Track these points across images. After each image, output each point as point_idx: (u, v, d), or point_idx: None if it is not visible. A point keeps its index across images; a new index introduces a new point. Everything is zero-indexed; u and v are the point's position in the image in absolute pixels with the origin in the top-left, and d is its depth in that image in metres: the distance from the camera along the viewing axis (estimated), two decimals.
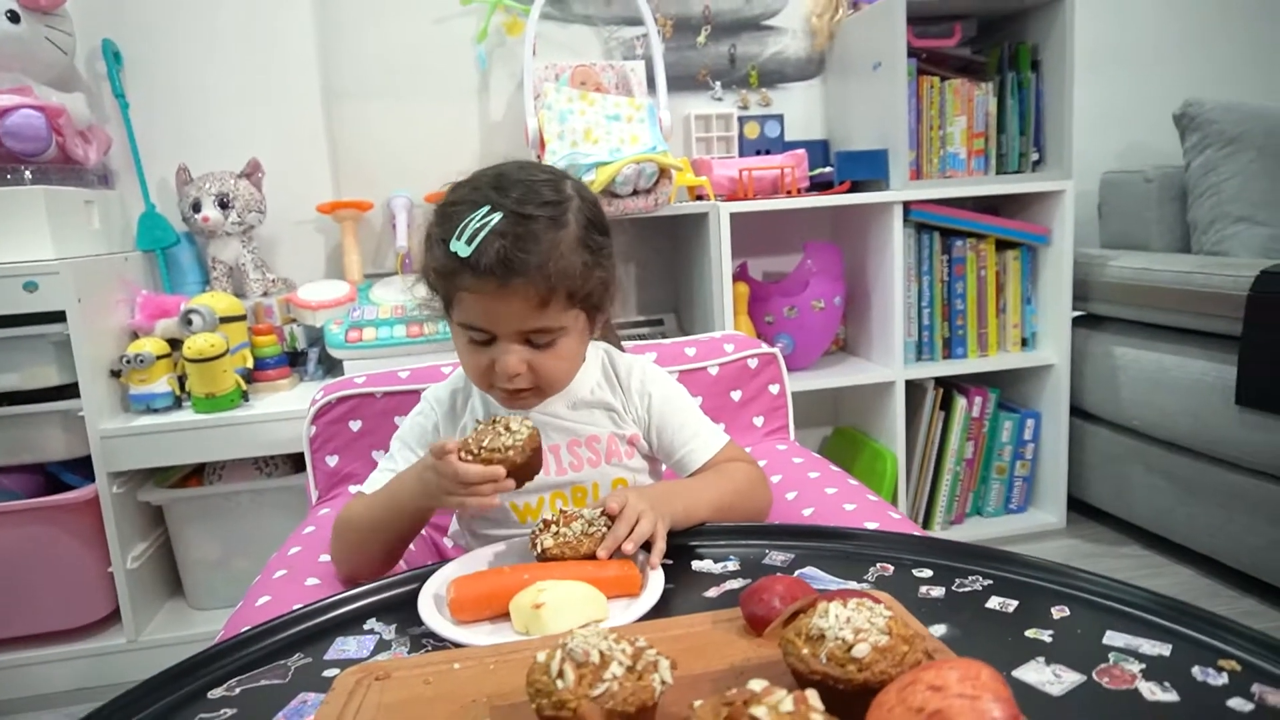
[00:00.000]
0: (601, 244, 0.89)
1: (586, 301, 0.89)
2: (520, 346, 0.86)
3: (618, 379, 1.00)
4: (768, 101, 2.26)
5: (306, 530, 1.12)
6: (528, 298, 0.83)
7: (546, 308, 0.84)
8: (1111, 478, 2.10)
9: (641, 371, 1.01)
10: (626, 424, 0.99)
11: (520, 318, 0.84)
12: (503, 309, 0.84)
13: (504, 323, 0.85)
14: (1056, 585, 0.75)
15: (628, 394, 1.00)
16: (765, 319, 2.01)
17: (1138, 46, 2.43)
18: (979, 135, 2.05)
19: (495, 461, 0.80)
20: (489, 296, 0.83)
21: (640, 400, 0.99)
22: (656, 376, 1.02)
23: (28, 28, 1.72)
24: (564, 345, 0.89)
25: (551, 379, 0.89)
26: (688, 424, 0.99)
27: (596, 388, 0.99)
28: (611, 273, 0.91)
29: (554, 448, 0.96)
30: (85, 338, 1.60)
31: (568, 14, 2.13)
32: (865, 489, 1.14)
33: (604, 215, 0.92)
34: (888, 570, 0.80)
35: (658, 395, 1.00)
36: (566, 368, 0.91)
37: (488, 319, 0.85)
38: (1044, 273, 2.11)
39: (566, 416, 0.97)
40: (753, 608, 0.66)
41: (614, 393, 0.99)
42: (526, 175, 0.87)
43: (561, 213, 0.85)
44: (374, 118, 2.07)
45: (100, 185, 1.89)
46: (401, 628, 0.75)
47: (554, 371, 0.89)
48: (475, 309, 0.85)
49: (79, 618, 1.69)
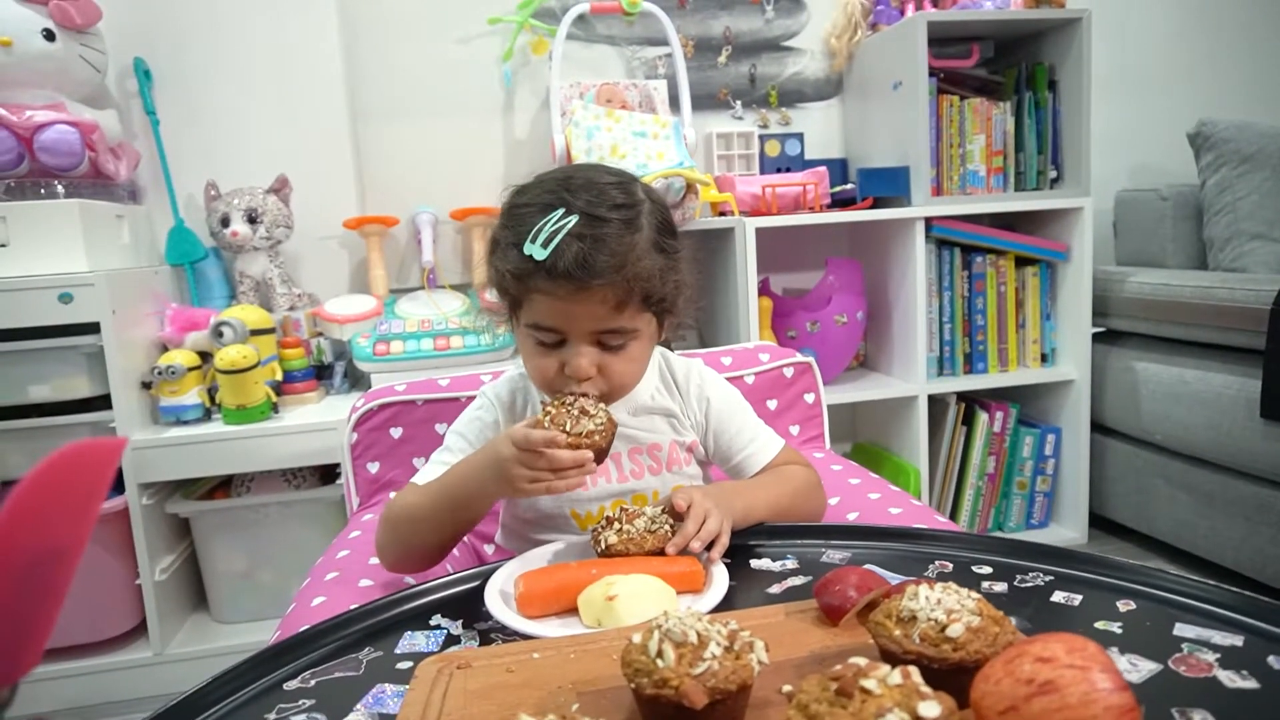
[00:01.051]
0: (674, 247, 0.89)
1: (660, 305, 0.89)
2: (592, 349, 0.86)
3: (675, 383, 1.00)
4: (787, 120, 2.29)
5: (352, 535, 1.13)
6: (605, 300, 0.83)
7: (623, 311, 0.84)
8: (1133, 492, 2.10)
9: (699, 375, 1.01)
10: (686, 430, 0.99)
11: (596, 320, 0.84)
12: (578, 311, 0.84)
13: (578, 324, 0.85)
14: (1120, 580, 0.75)
15: (685, 398, 1.00)
16: (788, 333, 2.02)
17: (1148, 67, 2.47)
18: (998, 153, 2.07)
19: (583, 446, 0.79)
20: (564, 299, 0.83)
21: (699, 405, 1.00)
22: (713, 380, 1.02)
23: (63, 46, 1.74)
24: (634, 348, 0.89)
25: (620, 382, 0.89)
26: (746, 428, 1.00)
27: (656, 393, 0.99)
28: (684, 275, 0.91)
29: (615, 455, 0.95)
30: (118, 349, 1.61)
31: (591, 34, 2.16)
32: (908, 495, 1.14)
33: (673, 218, 0.92)
34: (947, 567, 0.81)
35: (716, 399, 1.00)
36: (636, 370, 0.91)
37: (562, 320, 0.85)
38: (1063, 288, 2.12)
39: (628, 423, 0.96)
40: (828, 597, 0.66)
41: (672, 397, 0.99)
42: (595, 177, 0.87)
43: (635, 215, 0.85)
44: (400, 135, 2.10)
45: (130, 200, 1.91)
46: (468, 623, 0.75)
47: (624, 375, 0.89)
48: (549, 310, 0.84)
49: (106, 630, 1.68)
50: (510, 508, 1.02)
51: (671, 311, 0.92)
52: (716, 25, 2.23)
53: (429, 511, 0.88)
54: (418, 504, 0.89)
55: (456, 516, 0.88)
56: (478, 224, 2.06)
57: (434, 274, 2.05)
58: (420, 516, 0.88)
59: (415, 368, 1.82)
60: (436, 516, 0.88)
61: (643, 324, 0.88)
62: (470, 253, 2.09)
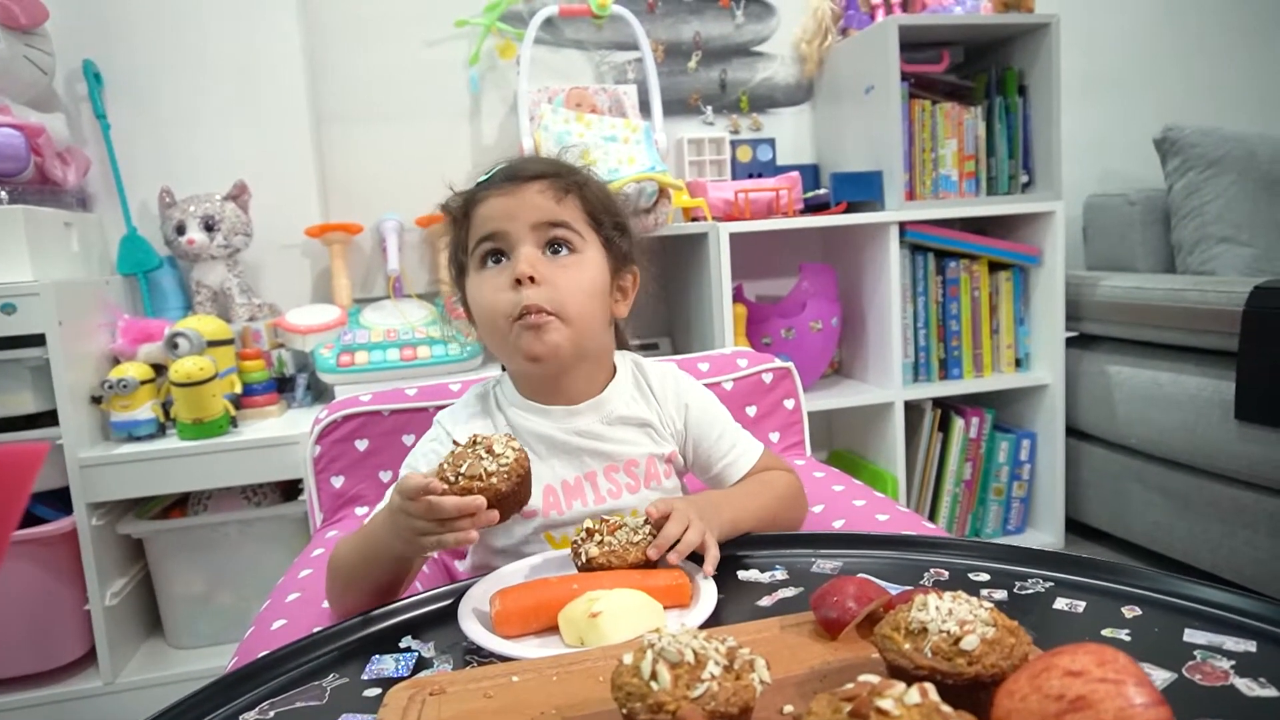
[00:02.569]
0: (618, 204, 0.92)
1: (603, 229, 0.89)
2: (534, 250, 0.85)
3: (650, 388, 0.96)
4: (759, 126, 2.27)
5: (315, 553, 1.07)
6: (543, 191, 0.85)
7: (562, 203, 0.86)
8: (1109, 496, 2.10)
9: (675, 380, 0.97)
10: (664, 440, 0.95)
11: (536, 210, 0.85)
12: (517, 204, 0.85)
13: (520, 219, 0.85)
14: (1123, 585, 0.73)
15: (663, 405, 0.95)
16: (763, 340, 2.00)
17: (1116, 73, 2.50)
18: (970, 158, 2.07)
19: (475, 491, 0.71)
20: (503, 195, 0.85)
21: (677, 412, 0.96)
22: (690, 385, 0.98)
23: (6, 46, 1.67)
24: (584, 266, 0.87)
25: (569, 294, 0.84)
26: (726, 434, 0.96)
27: (631, 401, 0.94)
28: (627, 232, 0.92)
29: (590, 475, 0.91)
30: (65, 362, 1.53)
31: (560, 38, 2.13)
32: (893, 501, 1.11)
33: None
34: (943, 575, 0.77)
35: (695, 405, 0.96)
36: (584, 286, 0.86)
37: (504, 219, 0.85)
38: (1036, 293, 2.12)
39: (604, 435, 0.92)
40: (827, 610, 0.63)
41: (649, 405, 0.95)
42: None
43: (585, 170, 0.92)
44: (364, 140, 2.04)
45: (79, 208, 1.83)
46: (441, 644, 0.70)
47: (570, 286, 0.85)
48: (489, 213, 0.86)
49: (52, 660, 1.59)
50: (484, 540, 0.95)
51: (620, 260, 0.92)
52: (686, 30, 2.20)
53: (352, 569, 0.80)
54: (344, 559, 0.81)
55: (378, 574, 0.79)
56: (444, 231, 2.00)
57: (400, 282, 1.99)
58: (347, 573, 0.81)
59: (381, 379, 1.76)
60: (361, 574, 0.80)
61: (588, 236, 0.88)
62: (437, 261, 2.04)
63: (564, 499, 0.90)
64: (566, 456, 0.91)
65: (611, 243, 0.90)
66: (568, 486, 0.91)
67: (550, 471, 0.91)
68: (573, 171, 0.89)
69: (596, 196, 0.90)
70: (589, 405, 0.92)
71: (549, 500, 0.90)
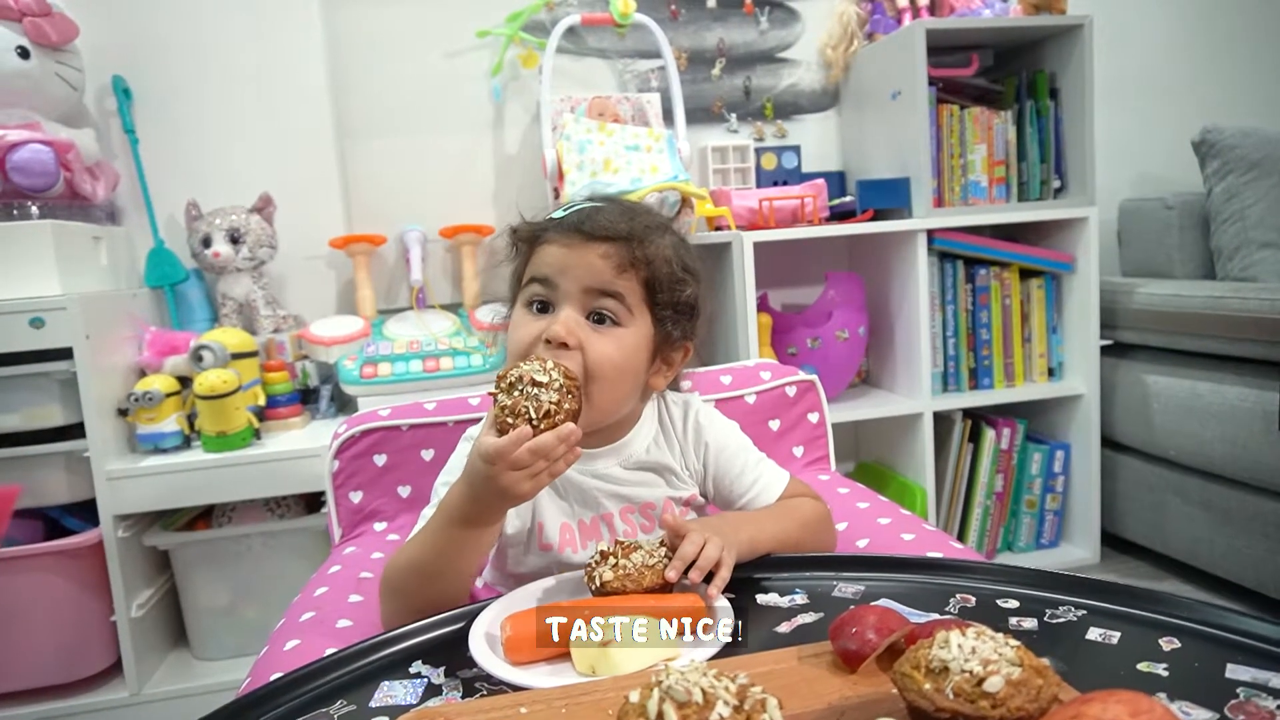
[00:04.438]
0: (695, 271, 0.87)
1: (662, 305, 0.84)
2: (577, 314, 0.82)
3: (673, 430, 0.94)
4: (783, 133, 2.24)
5: (332, 570, 1.06)
6: (606, 255, 0.81)
7: (620, 275, 0.82)
8: (1146, 510, 2.04)
9: (695, 418, 0.95)
10: (683, 484, 0.93)
11: (591, 274, 0.81)
12: (576, 261, 0.81)
13: (573, 277, 0.82)
14: (1160, 614, 0.69)
15: (684, 448, 0.94)
16: (788, 350, 1.97)
17: (1151, 74, 2.43)
18: (999, 163, 2.03)
19: (558, 422, 0.72)
20: (566, 247, 0.82)
21: (696, 453, 0.94)
22: (709, 420, 0.96)
23: (38, 64, 1.69)
24: (623, 337, 0.83)
25: (598, 365, 0.80)
26: (747, 469, 0.93)
27: (653, 445, 0.92)
28: (697, 304, 0.87)
29: (607, 516, 0.90)
30: (92, 375, 1.54)
31: (582, 47, 2.12)
32: (920, 519, 1.08)
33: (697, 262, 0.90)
34: (969, 601, 0.75)
35: (713, 442, 0.94)
36: (618, 361, 0.82)
37: (558, 271, 0.82)
38: (1069, 301, 2.07)
39: (622, 479, 0.90)
40: (845, 641, 0.60)
41: (670, 449, 0.93)
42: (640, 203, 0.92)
43: (666, 224, 0.88)
44: (387, 151, 2.05)
45: (108, 222, 1.85)
46: (451, 670, 0.69)
47: (602, 359, 0.81)
48: (548, 259, 0.83)
49: (78, 671, 1.60)
50: (498, 563, 0.94)
51: (672, 338, 0.87)
52: (710, 37, 2.18)
53: (423, 568, 0.79)
54: (417, 556, 0.80)
55: (459, 562, 0.79)
56: (467, 241, 2.00)
57: (423, 294, 1.99)
58: (423, 568, 0.79)
59: (404, 390, 1.75)
60: (435, 570, 0.79)
61: (638, 312, 0.84)
62: (460, 271, 2.04)
63: (579, 539, 0.90)
64: (583, 496, 0.91)
65: (665, 321, 0.85)
66: (584, 527, 0.91)
67: (567, 511, 0.91)
68: (646, 239, 0.83)
69: (664, 273, 0.83)
70: (608, 450, 0.91)
71: (564, 538, 0.90)
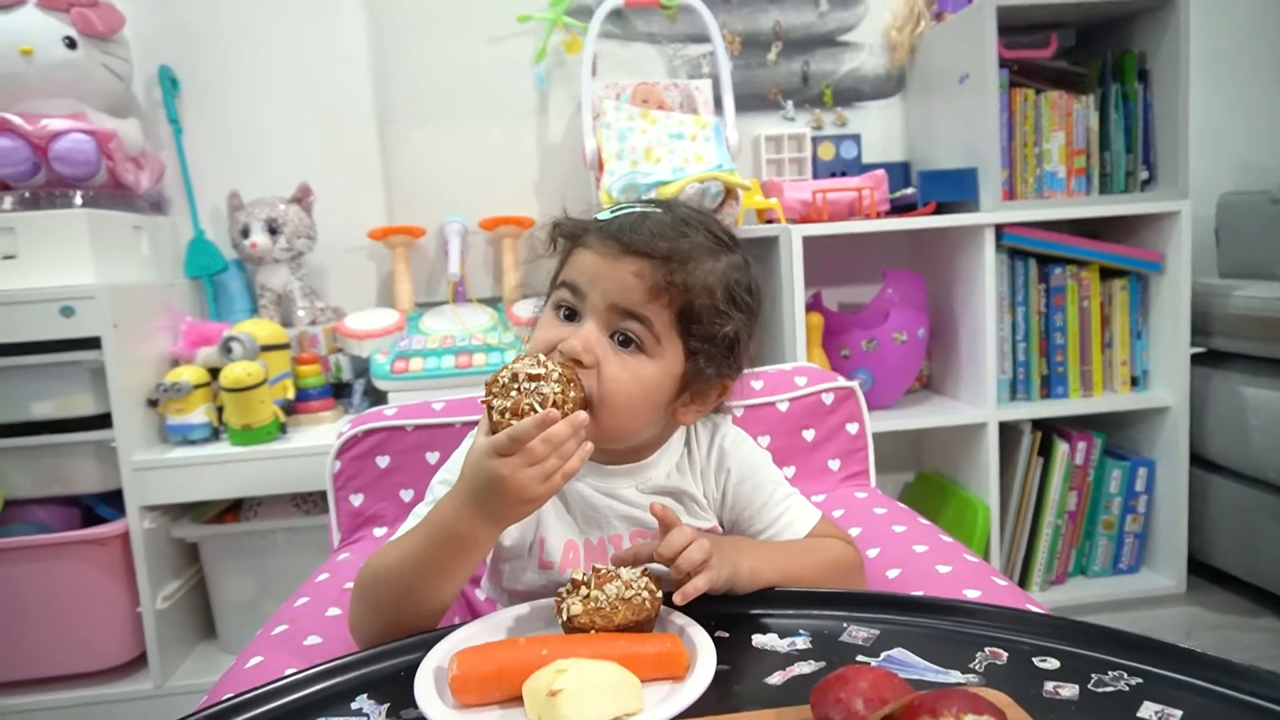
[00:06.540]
0: (744, 304, 0.78)
1: (696, 337, 0.76)
2: (597, 329, 0.75)
3: (697, 448, 0.86)
4: (843, 121, 2.11)
5: (320, 578, 1.01)
6: (640, 274, 0.74)
7: (652, 300, 0.74)
8: (1239, 535, 1.85)
9: (721, 441, 0.86)
10: (702, 514, 0.84)
11: (621, 291, 0.74)
12: (607, 274, 0.75)
13: (601, 290, 0.75)
14: (1234, 691, 0.57)
15: (705, 469, 0.85)
16: (841, 353, 1.85)
17: (1255, 53, 2.20)
18: (1079, 152, 1.86)
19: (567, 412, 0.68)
20: (602, 257, 0.76)
21: (717, 480, 0.85)
22: (734, 445, 0.86)
23: (84, 54, 1.70)
24: (643, 368, 0.75)
25: (609, 394, 0.74)
26: (771, 502, 0.84)
27: (675, 471, 0.84)
28: (742, 343, 0.78)
29: (616, 538, 0.82)
30: (120, 365, 1.53)
31: (630, 32, 2.03)
32: (962, 547, 0.96)
33: (760, 291, 0.82)
34: (1000, 657, 0.63)
35: (735, 469, 0.85)
36: (629, 398, 0.75)
37: (589, 281, 0.76)
38: (1156, 304, 1.89)
39: (636, 502, 0.82)
40: (827, 710, 0.50)
41: (693, 476, 0.85)
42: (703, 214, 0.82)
43: (721, 246, 0.79)
44: (428, 141, 2.00)
45: (152, 211, 1.85)
46: (395, 709, 0.61)
47: (615, 386, 0.73)
48: (582, 266, 0.77)
49: (103, 660, 1.60)
50: (494, 579, 0.86)
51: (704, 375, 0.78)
52: (765, 20, 2.07)
53: (406, 571, 0.71)
54: (394, 569, 0.72)
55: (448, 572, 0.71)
56: (508, 234, 1.94)
57: (462, 287, 1.94)
58: (397, 582, 0.72)
59: (435, 386, 1.70)
60: (420, 575, 0.71)
61: (665, 339, 0.75)
62: (500, 264, 1.98)
63: (584, 559, 0.82)
64: (593, 514, 0.82)
65: (699, 354, 0.77)
66: (590, 546, 0.83)
67: (572, 528, 0.83)
68: (689, 261, 0.75)
69: (702, 304, 0.75)
70: (627, 470, 0.83)
71: (567, 557, 0.82)
